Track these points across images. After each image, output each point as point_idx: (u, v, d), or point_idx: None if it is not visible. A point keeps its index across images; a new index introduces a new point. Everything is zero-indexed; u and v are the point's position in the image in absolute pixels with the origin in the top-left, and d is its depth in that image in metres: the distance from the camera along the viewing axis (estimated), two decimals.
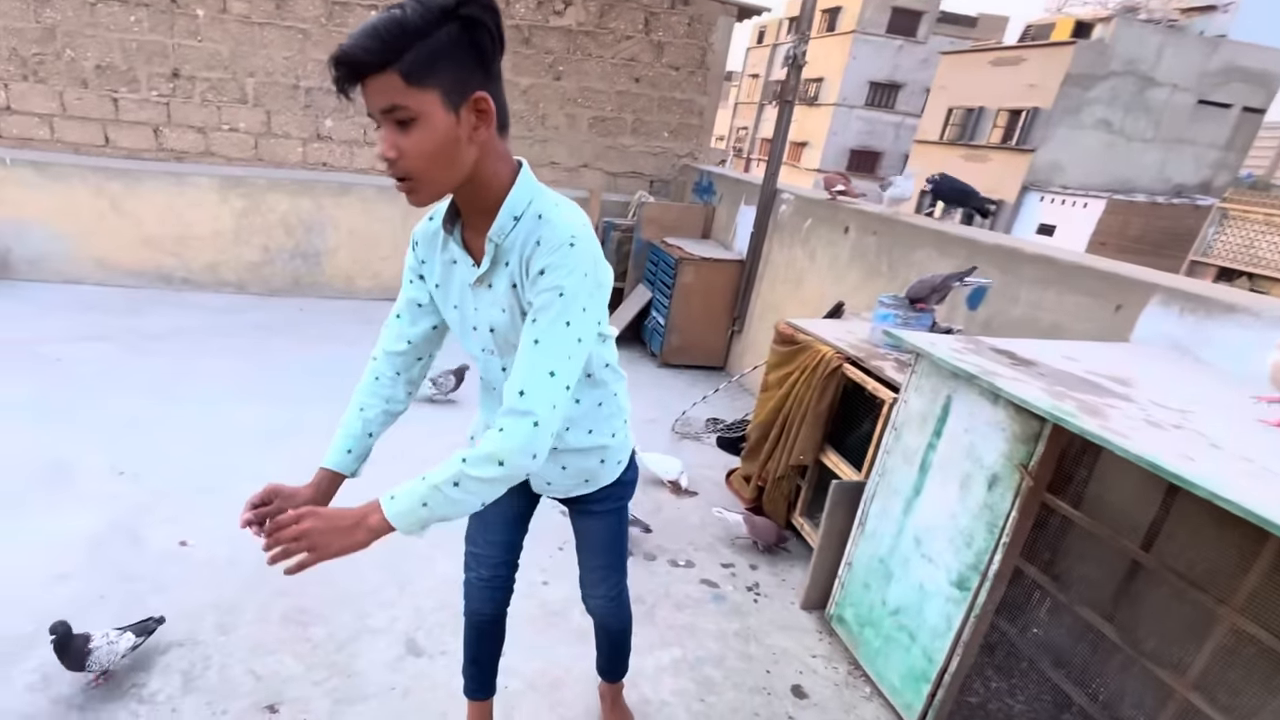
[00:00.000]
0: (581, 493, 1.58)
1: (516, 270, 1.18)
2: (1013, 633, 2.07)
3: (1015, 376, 1.85)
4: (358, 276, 6.06)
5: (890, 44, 27.01)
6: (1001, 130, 21.85)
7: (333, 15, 5.67)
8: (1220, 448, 1.52)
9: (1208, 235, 18.03)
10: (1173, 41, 20.51)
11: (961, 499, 2.00)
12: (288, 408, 3.81)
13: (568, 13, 6.03)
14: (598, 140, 6.50)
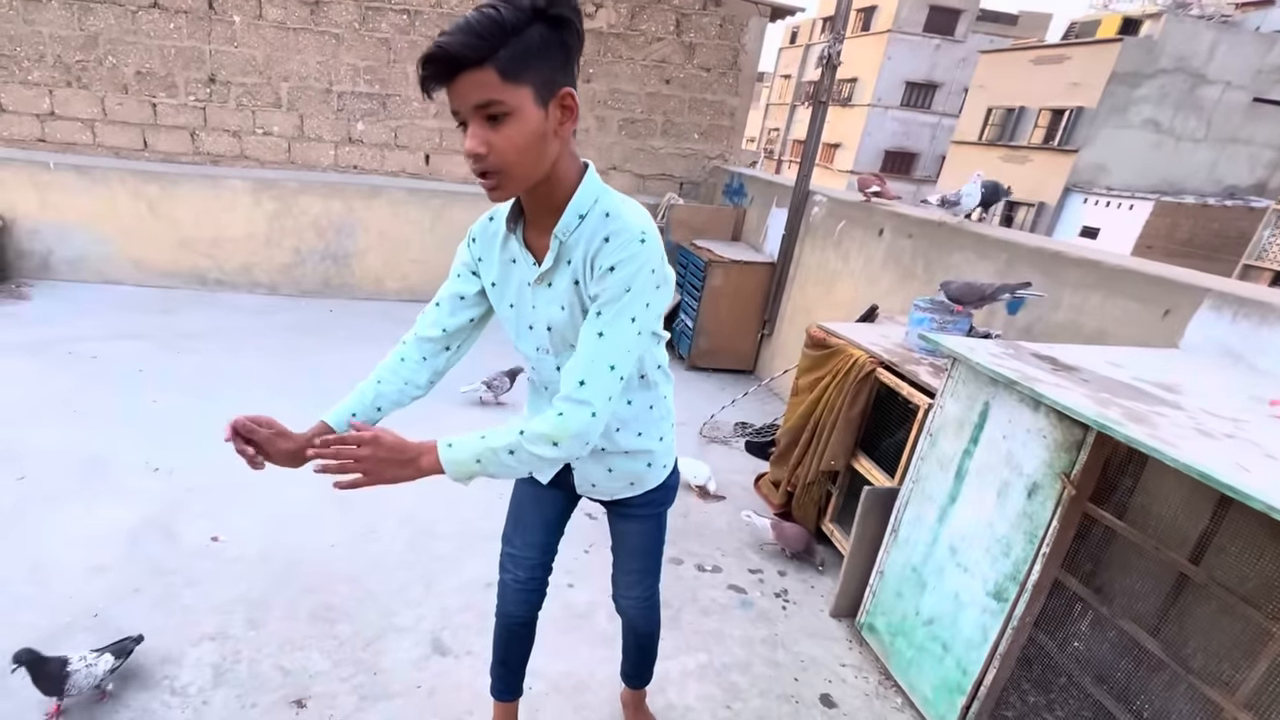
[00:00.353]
0: (626, 495, 1.59)
1: (581, 267, 1.21)
2: (1051, 646, 2.02)
3: (1057, 383, 1.81)
4: (387, 278, 6.15)
5: (928, 43, 26.70)
6: (1044, 130, 21.45)
7: (365, 20, 5.77)
8: (1276, 458, 1.48)
9: (1263, 238, 17.49)
10: (1226, 38, 19.96)
11: (999, 507, 1.96)
12: (318, 406, 3.78)
13: (599, 15, 6.06)
14: (627, 142, 6.52)
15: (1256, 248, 17.61)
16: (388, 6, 5.78)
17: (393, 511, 3.03)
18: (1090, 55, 20.26)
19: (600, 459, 1.51)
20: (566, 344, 1.30)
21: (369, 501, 3.08)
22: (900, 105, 27.49)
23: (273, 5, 5.62)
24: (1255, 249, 17.64)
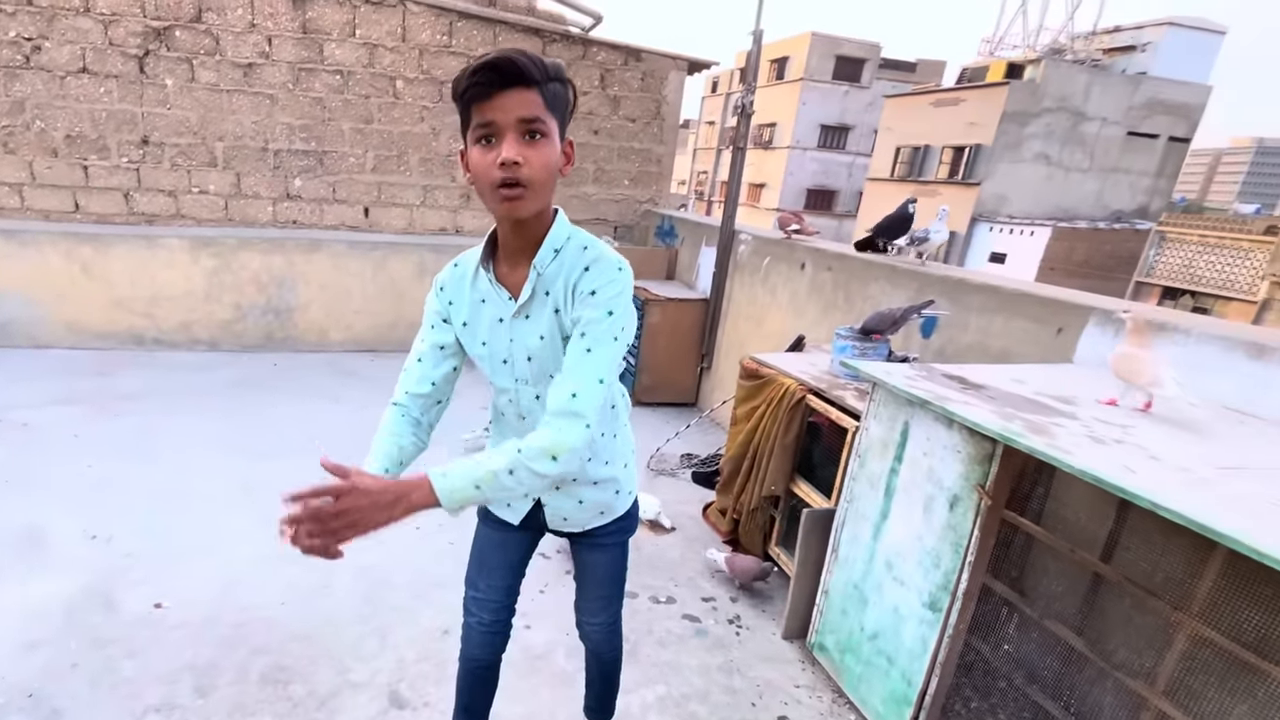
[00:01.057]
0: (595, 525, 1.60)
1: (562, 295, 1.28)
2: (987, 651, 2.08)
3: (966, 400, 1.90)
4: (330, 330, 6.03)
5: (837, 90, 27.94)
6: (948, 166, 22.57)
7: (299, 80, 5.75)
8: (1159, 459, 1.58)
9: (1149, 257, 18.70)
10: (1099, 80, 21.51)
11: (926, 521, 2.03)
12: (264, 463, 3.76)
13: None
14: (560, 190, 6.59)
15: (1145, 266, 18.79)
16: (320, 68, 5.77)
17: (346, 564, 2.93)
18: (982, 98, 21.52)
19: (571, 491, 1.53)
20: (545, 373, 1.35)
21: None
22: (817, 147, 28.58)
23: (205, 69, 5.54)
24: (1144, 267, 18.81)
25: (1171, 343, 2.24)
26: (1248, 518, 1.31)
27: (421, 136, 6.16)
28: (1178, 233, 18.42)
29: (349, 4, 5.70)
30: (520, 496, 1.28)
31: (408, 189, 6.30)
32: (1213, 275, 17.53)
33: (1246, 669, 1.43)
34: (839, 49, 27.56)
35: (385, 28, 5.82)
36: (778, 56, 28.43)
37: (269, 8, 5.55)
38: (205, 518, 3.22)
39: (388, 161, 6.16)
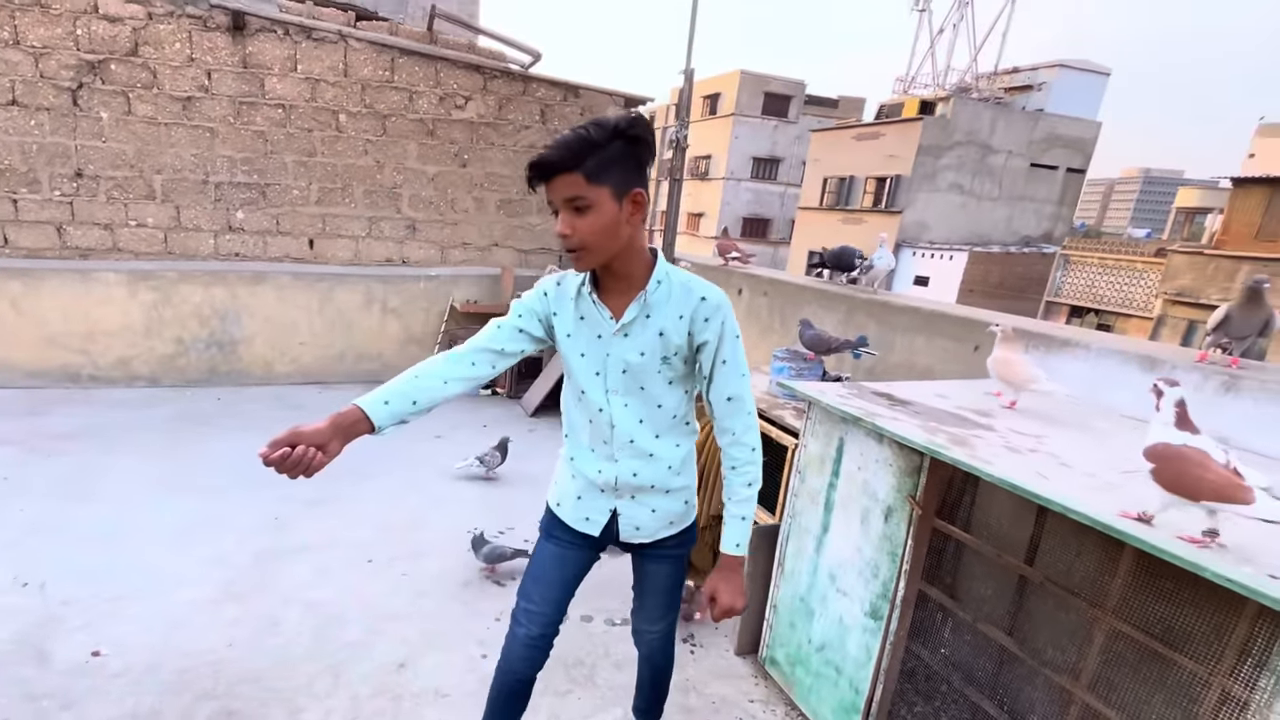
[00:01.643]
0: (664, 535, 1.68)
1: (670, 321, 1.46)
2: (927, 656, 2.12)
3: (894, 416, 1.98)
4: (276, 362, 5.85)
5: (767, 124, 28.76)
6: (872, 195, 23.39)
7: (240, 114, 5.62)
8: (1069, 466, 1.67)
9: (1056, 279, 19.70)
10: (1002, 116, 22.73)
11: (864, 532, 2.09)
12: (207, 500, 3.60)
13: (469, 107, 6.20)
14: (506, 221, 6.62)
15: (1053, 286, 19.77)
16: (262, 102, 5.66)
17: (296, 601, 2.84)
18: (900, 132, 22.46)
19: (646, 500, 1.63)
20: (637, 385, 1.51)
21: (269, 593, 2.88)
22: (750, 178, 29.29)
23: (142, 102, 5.37)
24: (1052, 287, 19.80)
25: (1075, 358, 2.38)
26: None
27: (366, 169, 6.09)
28: (1079, 256, 19.50)
29: (290, 40, 5.63)
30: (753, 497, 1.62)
31: (353, 221, 6.19)
32: (1113, 294, 18.57)
33: (1157, 659, 1.51)
34: (767, 86, 28.43)
35: (327, 63, 5.76)
36: (710, 93, 29.15)
37: (208, 42, 5.43)
38: (146, 559, 3.06)
39: (332, 194, 6.06)
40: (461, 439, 4.71)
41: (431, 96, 6.09)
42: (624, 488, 1.60)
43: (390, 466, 4.24)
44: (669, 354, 1.48)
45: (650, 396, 1.52)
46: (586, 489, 1.64)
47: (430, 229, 6.41)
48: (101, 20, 5.17)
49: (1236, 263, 15.29)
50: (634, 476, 1.58)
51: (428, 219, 6.38)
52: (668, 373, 1.51)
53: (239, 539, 3.27)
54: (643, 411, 1.54)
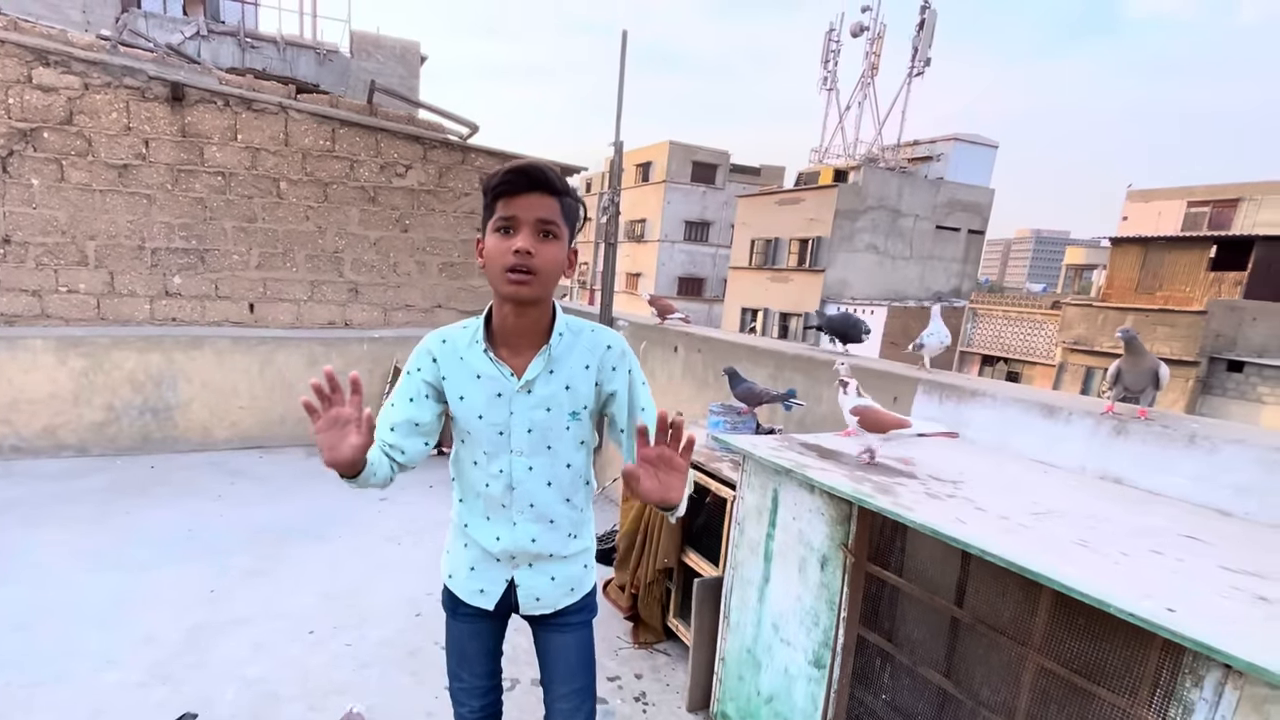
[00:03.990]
0: (566, 604, 1.54)
1: (576, 372, 1.39)
2: (871, 701, 2.11)
3: (823, 467, 2.02)
4: (215, 427, 5.57)
5: (696, 190, 29.71)
6: (796, 256, 24.27)
7: (178, 181, 5.48)
8: (985, 510, 1.74)
9: (967, 330, 20.69)
10: (907, 183, 24.16)
11: (802, 581, 2.10)
12: (137, 575, 3.35)
13: (409, 175, 6.22)
14: (449, 283, 6.58)
15: (965, 338, 20.73)
16: (201, 169, 5.54)
17: (231, 678, 2.65)
18: (818, 197, 23.54)
19: (543, 568, 1.50)
20: (543, 445, 1.40)
21: (203, 671, 2.68)
22: (684, 240, 30.04)
23: (76, 169, 5.18)
24: (964, 339, 20.75)
25: (984, 406, 2.50)
26: (1055, 556, 1.46)
27: (307, 234, 5.99)
28: (986, 309, 20.58)
29: (230, 110, 5.56)
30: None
31: (294, 284, 6.05)
32: (1018, 344, 19.58)
33: (1082, 693, 1.55)
34: (694, 156, 29.47)
35: (268, 133, 5.70)
36: (642, 161, 30.02)
37: (145, 112, 5.31)
38: (68, 642, 2.81)
39: (273, 258, 5.92)
40: (407, 500, 4.56)
41: (373, 165, 6.09)
42: (521, 555, 1.47)
43: (334, 532, 4.05)
44: (578, 409, 1.39)
45: (558, 456, 1.42)
46: (481, 559, 1.49)
47: (373, 291, 6.31)
48: (35, 90, 5.01)
49: (1122, 313, 16.40)
50: (532, 543, 1.45)
51: (370, 282, 6.29)
52: (577, 430, 1.42)
53: (172, 614, 3.04)
54: (549, 473, 1.42)
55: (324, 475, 1.46)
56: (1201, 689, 1.19)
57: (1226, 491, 1.89)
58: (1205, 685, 1.19)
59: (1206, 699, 1.18)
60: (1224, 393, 14.43)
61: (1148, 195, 25.25)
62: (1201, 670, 1.19)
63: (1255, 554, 1.56)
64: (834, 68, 27.22)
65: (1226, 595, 1.34)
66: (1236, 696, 1.14)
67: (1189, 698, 1.21)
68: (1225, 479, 1.90)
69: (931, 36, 25.30)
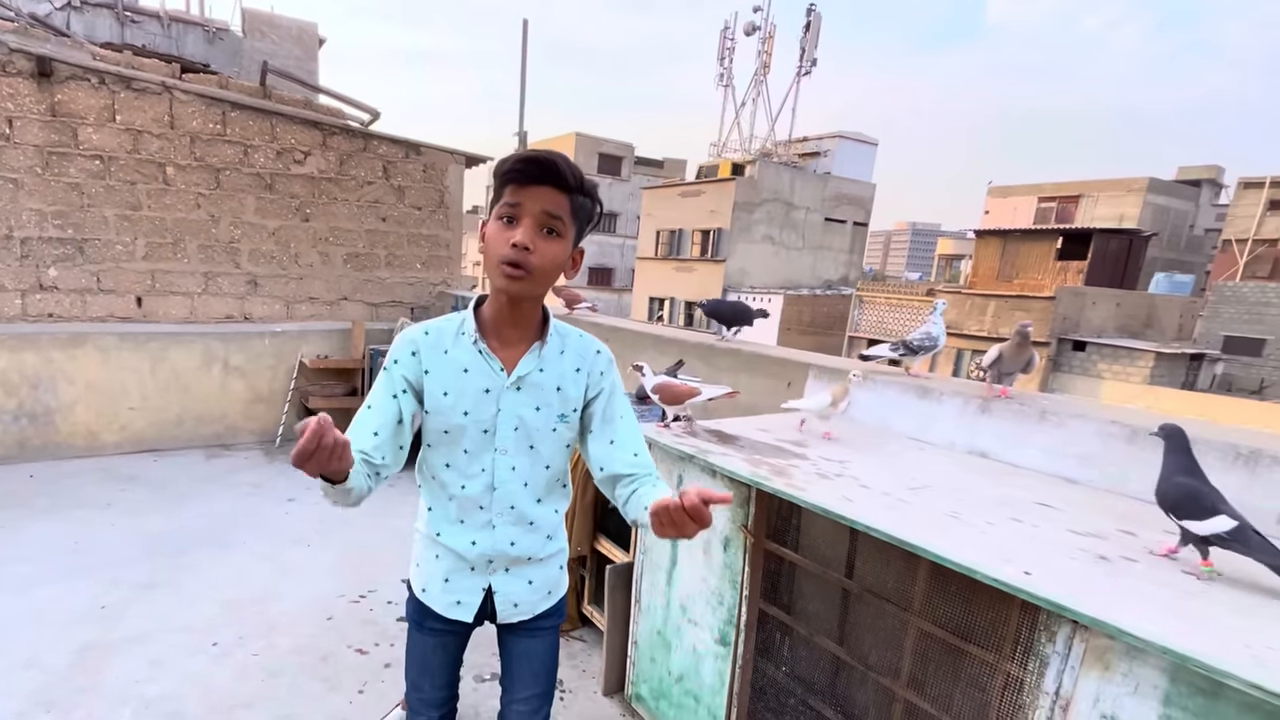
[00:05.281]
0: (543, 608, 1.46)
1: (568, 374, 1.33)
2: (773, 672, 2.17)
3: (724, 452, 2.06)
4: (102, 432, 5.06)
5: (602, 181, 29.60)
6: (699, 246, 24.66)
7: (49, 165, 4.92)
8: (869, 487, 1.82)
9: (854, 317, 21.69)
10: (799, 177, 25.00)
11: (707, 563, 2.13)
12: (17, 594, 3.00)
13: (309, 162, 5.85)
14: (354, 274, 6.25)
15: (853, 323, 21.74)
16: (75, 152, 4.98)
17: (128, 700, 2.40)
18: (718, 190, 23.97)
19: (521, 572, 1.41)
20: (527, 444, 1.31)
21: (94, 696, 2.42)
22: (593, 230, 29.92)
23: None
24: (852, 324, 21.76)
25: (866, 389, 2.61)
26: (930, 528, 1.55)
27: (199, 223, 5.52)
28: (870, 296, 21.64)
29: (106, 89, 5.03)
30: None
31: (187, 277, 5.57)
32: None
33: (957, 652, 1.64)
34: (601, 147, 29.34)
35: (150, 114, 5.20)
36: None
37: (7, 88, 4.72)
38: None
39: (161, 249, 5.42)
40: (315, 499, 4.31)
41: (268, 151, 5.67)
42: (499, 559, 1.37)
43: (238, 537, 3.78)
44: (566, 410, 1.32)
45: (540, 457, 1.33)
46: (455, 568, 1.38)
47: (273, 284, 5.90)
48: None
49: (985, 300, 17.67)
50: (511, 546, 1.36)
51: (270, 274, 5.88)
52: (564, 432, 1.34)
53: (57, 635, 2.75)
54: (529, 474, 1.33)
55: (226, 479, 1.33)
56: (1054, 643, 1.29)
57: (1072, 461, 2.06)
58: (1057, 639, 1.28)
59: (1059, 652, 1.28)
60: (1070, 370, 15.86)
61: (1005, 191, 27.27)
62: (1054, 626, 1.29)
63: (1096, 517, 1.70)
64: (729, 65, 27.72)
65: (1073, 557, 1.46)
66: (1083, 648, 1.24)
67: (1044, 651, 1.31)
68: (1071, 450, 2.07)
69: (817, 38, 26.16)
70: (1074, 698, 1.25)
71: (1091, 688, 1.23)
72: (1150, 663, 1.15)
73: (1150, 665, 1.15)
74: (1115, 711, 1.20)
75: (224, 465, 4.97)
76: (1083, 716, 1.24)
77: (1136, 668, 1.17)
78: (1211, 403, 13.11)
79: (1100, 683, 1.22)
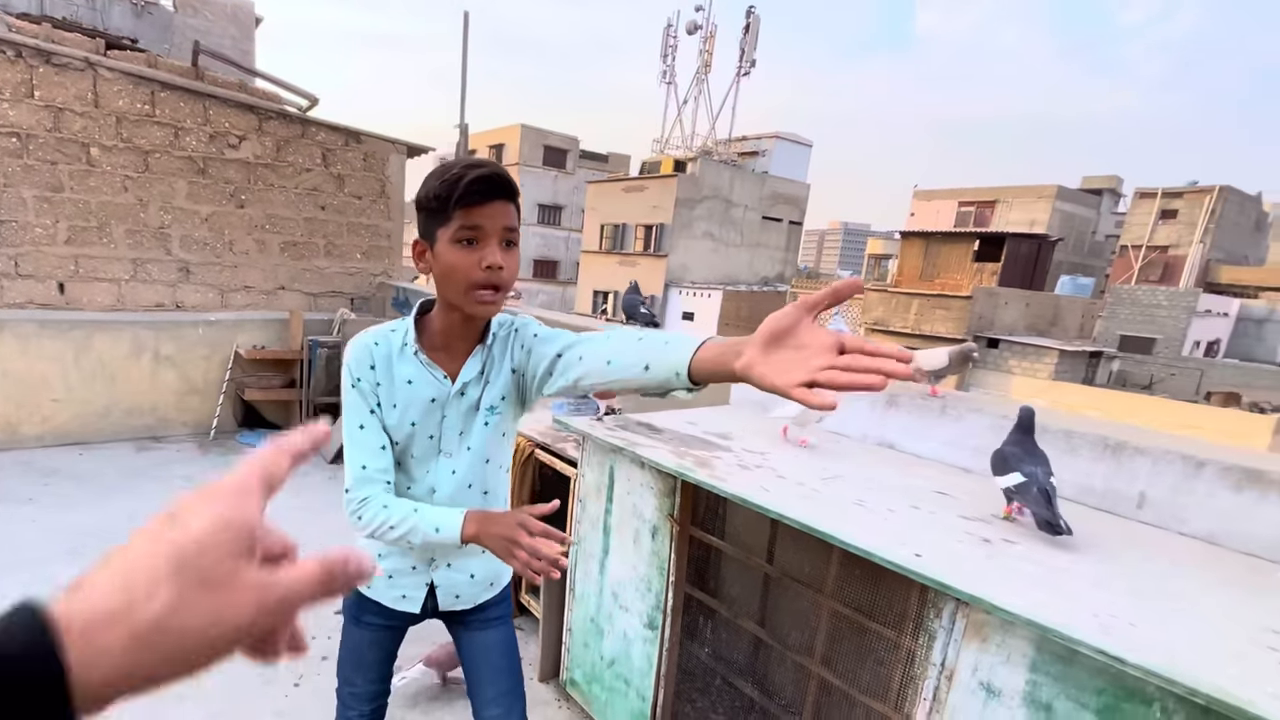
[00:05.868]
0: (484, 598, 1.44)
1: (507, 361, 1.28)
2: (699, 653, 2.23)
3: (652, 444, 2.11)
4: (22, 424, 4.73)
5: (548, 174, 29.30)
6: (642, 241, 24.72)
7: None
8: (785, 478, 1.90)
9: None
10: (738, 176, 25.35)
11: (637, 551, 2.17)
12: None
13: (243, 146, 5.60)
14: (291, 263, 6.03)
15: None
16: None
17: None
18: (660, 186, 24.08)
19: (462, 565, 1.39)
20: (464, 445, 1.30)
21: None
22: (537, 223, 29.54)
23: None
24: None
25: None
26: (839, 516, 1.64)
27: (126, 207, 5.22)
28: (804, 292, 22.20)
29: (23, 63, 4.69)
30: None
31: (113, 262, 5.26)
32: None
33: (865, 630, 1.75)
34: (546, 140, 28.99)
35: (73, 91, 4.88)
36: (495, 143, 29.04)
37: None
38: None
39: (85, 233, 5.11)
40: None
41: (200, 134, 5.41)
42: (440, 556, 1.37)
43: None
44: (495, 401, 1.28)
45: (478, 454, 1.30)
46: (399, 567, 1.37)
47: (207, 272, 5.65)
48: None
49: (910, 298, 18.35)
50: (454, 544, 1.32)
51: (203, 261, 5.62)
52: (497, 422, 1.30)
53: None
54: (470, 473, 1.31)
55: (157, 472, 1.30)
56: (941, 619, 1.40)
57: (968, 452, 2.20)
58: (944, 615, 1.39)
59: (944, 627, 1.39)
60: (985, 366, 16.68)
61: (929, 195, 28.35)
62: (941, 604, 1.39)
63: (984, 504, 1.84)
64: (672, 62, 27.78)
65: (961, 540, 1.57)
66: (964, 623, 1.35)
67: (933, 627, 1.41)
68: (968, 442, 2.21)
69: (756, 39, 26.45)
70: (957, 667, 1.36)
71: (971, 658, 1.34)
72: (1019, 634, 1.26)
73: (1019, 636, 1.27)
74: (990, 679, 1.31)
75: (155, 458, 4.74)
76: (964, 685, 1.35)
77: (1009, 639, 1.28)
78: (1107, 397, 14.04)
79: (979, 654, 1.33)
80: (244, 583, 0.33)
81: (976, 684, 1.33)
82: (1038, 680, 1.25)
